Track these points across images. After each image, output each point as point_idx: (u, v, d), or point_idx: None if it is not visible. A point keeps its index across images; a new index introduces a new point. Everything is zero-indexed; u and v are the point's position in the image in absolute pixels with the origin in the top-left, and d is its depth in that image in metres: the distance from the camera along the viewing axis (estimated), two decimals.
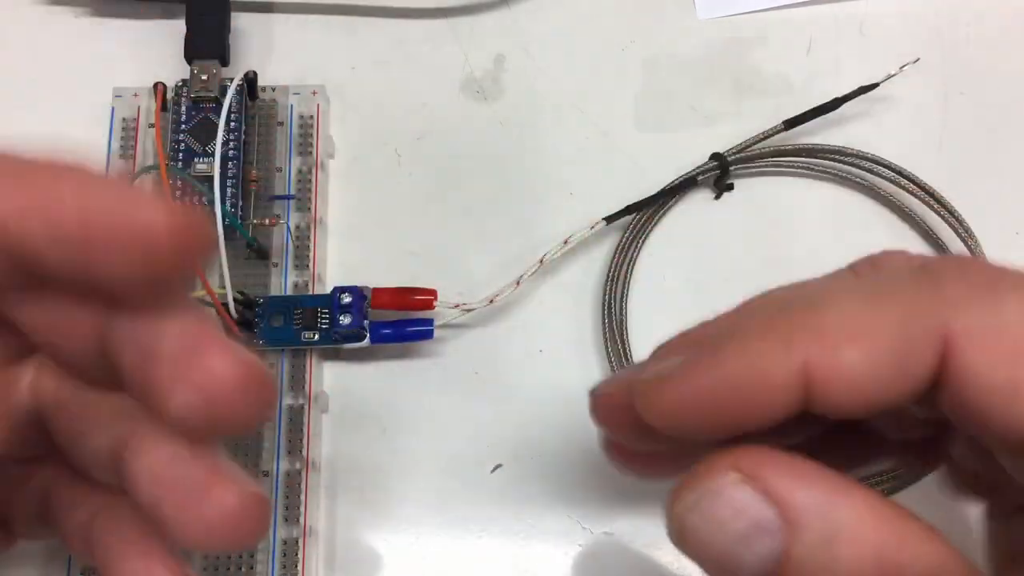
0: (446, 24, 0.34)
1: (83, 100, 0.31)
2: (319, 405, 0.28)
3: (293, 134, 0.30)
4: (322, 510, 0.27)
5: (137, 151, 0.30)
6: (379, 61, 0.33)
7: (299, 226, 0.29)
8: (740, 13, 0.34)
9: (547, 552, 0.27)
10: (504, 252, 0.30)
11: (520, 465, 0.28)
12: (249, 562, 0.26)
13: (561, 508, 0.27)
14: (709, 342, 0.15)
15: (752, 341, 0.15)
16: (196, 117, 0.30)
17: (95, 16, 0.33)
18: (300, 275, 0.29)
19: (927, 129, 0.32)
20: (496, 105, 0.32)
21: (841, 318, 0.14)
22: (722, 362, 0.15)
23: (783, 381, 0.14)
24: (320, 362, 0.28)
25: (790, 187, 0.31)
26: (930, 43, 0.33)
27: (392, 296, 0.28)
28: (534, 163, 0.32)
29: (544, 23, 0.34)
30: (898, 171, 0.30)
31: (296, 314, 0.27)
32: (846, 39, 0.33)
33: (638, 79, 0.33)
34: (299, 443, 0.27)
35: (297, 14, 0.33)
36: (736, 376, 0.14)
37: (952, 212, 0.29)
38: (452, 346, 0.29)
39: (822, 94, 0.31)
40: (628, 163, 0.32)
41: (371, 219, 0.31)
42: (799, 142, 0.31)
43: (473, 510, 0.27)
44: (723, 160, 0.30)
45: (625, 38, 0.33)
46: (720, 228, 0.31)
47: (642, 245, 0.30)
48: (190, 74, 0.30)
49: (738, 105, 0.32)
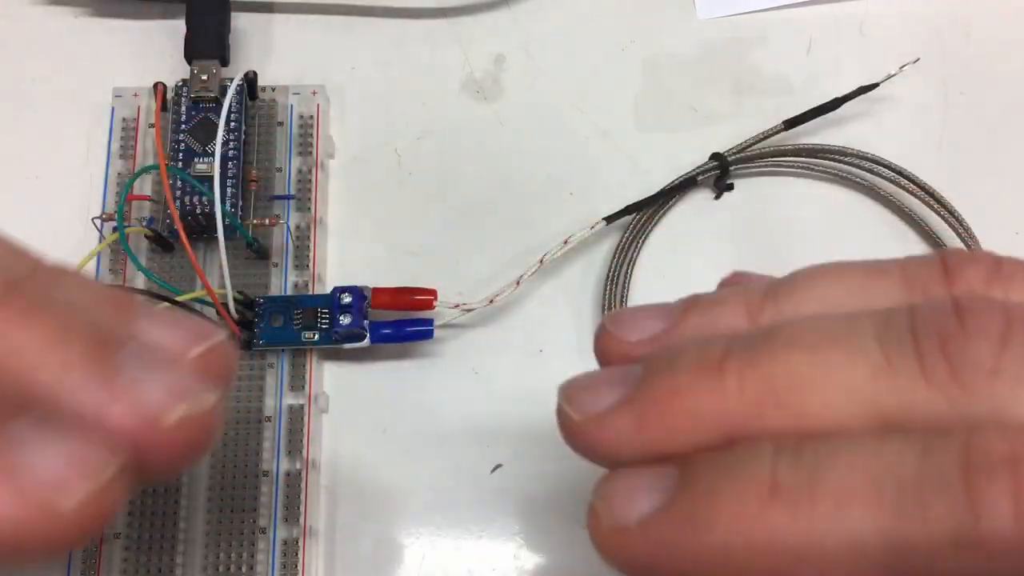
0: (446, 24, 0.34)
1: (83, 100, 0.31)
2: (319, 405, 0.28)
3: (293, 134, 0.30)
4: (322, 510, 0.27)
5: (137, 151, 0.30)
6: (379, 61, 0.33)
7: (299, 226, 0.29)
8: (740, 13, 0.34)
9: (547, 552, 0.27)
10: (504, 252, 0.30)
11: (520, 465, 0.28)
12: (249, 562, 0.26)
13: (561, 508, 0.27)
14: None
15: (724, 524, 0.12)
16: (196, 117, 0.30)
17: (95, 16, 0.33)
18: (300, 275, 0.29)
19: (927, 129, 0.32)
20: (496, 105, 0.32)
21: (838, 528, 0.12)
22: (690, 544, 0.13)
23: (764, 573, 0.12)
24: (320, 362, 0.28)
25: (790, 187, 0.31)
26: (930, 43, 0.33)
27: (392, 296, 0.28)
28: (534, 163, 0.32)
29: (544, 23, 0.34)
30: (898, 171, 0.30)
31: (296, 314, 0.27)
32: (846, 39, 0.33)
33: (638, 79, 0.33)
34: (299, 443, 0.27)
35: (297, 14, 0.33)
36: (708, 567, 0.13)
37: (952, 212, 0.29)
38: (452, 346, 0.29)
39: (822, 94, 0.31)
40: (628, 163, 0.32)
41: (371, 219, 0.31)
42: (799, 142, 0.31)
43: (473, 510, 0.27)
44: (723, 160, 0.30)
45: (625, 38, 0.33)
46: (720, 228, 0.31)
47: (642, 245, 0.30)
48: (190, 74, 0.30)
49: (738, 105, 0.32)
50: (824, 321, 0.13)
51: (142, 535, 0.26)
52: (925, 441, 0.12)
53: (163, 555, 0.26)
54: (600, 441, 0.14)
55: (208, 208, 0.28)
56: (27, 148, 0.31)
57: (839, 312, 0.14)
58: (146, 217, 0.29)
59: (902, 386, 0.12)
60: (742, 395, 0.13)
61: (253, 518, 0.26)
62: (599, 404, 0.14)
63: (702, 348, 0.14)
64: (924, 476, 0.11)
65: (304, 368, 0.28)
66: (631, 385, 0.14)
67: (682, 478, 0.13)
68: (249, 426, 0.27)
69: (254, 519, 0.26)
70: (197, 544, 0.26)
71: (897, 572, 0.11)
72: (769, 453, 0.12)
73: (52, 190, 0.31)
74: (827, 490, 0.12)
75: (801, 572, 0.12)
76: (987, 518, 0.11)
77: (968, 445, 0.11)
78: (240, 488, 0.26)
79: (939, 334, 0.12)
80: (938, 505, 0.11)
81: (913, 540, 0.11)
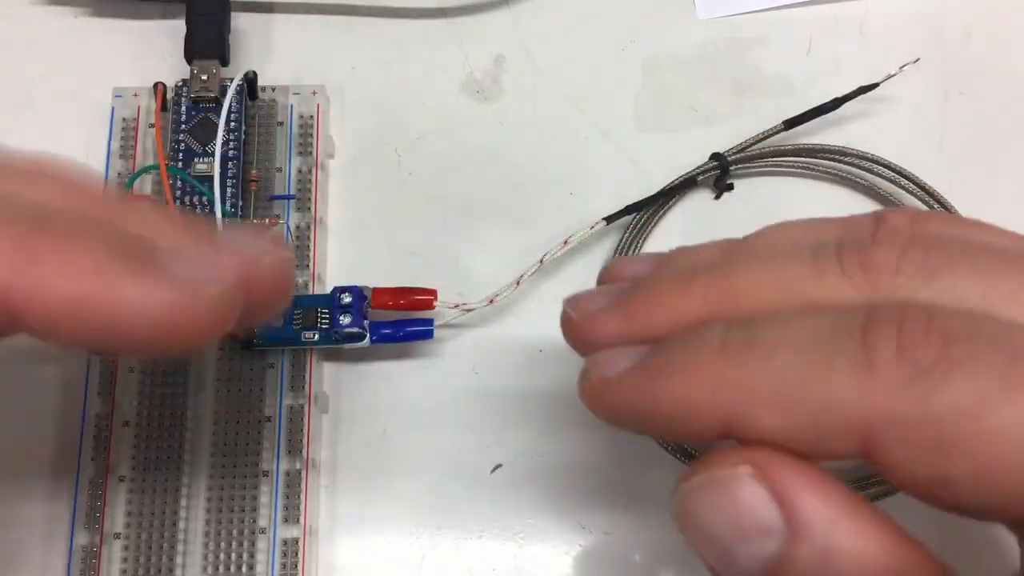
0: (446, 24, 0.34)
1: (83, 100, 0.31)
2: (319, 405, 0.28)
3: (293, 134, 0.30)
4: (322, 510, 0.27)
5: (137, 151, 0.30)
6: (379, 61, 0.33)
7: (299, 226, 0.29)
8: (740, 13, 0.34)
9: (547, 552, 0.27)
10: (504, 252, 0.30)
11: (520, 465, 0.28)
12: (249, 562, 0.26)
13: (561, 508, 0.27)
14: (650, 350, 0.16)
15: (680, 374, 0.16)
16: (196, 117, 0.30)
17: (95, 16, 0.33)
18: (300, 275, 0.29)
19: (927, 129, 0.32)
20: (496, 105, 0.32)
21: (767, 371, 0.15)
22: (655, 389, 0.16)
23: (709, 424, 0.15)
24: (320, 362, 0.28)
25: (790, 187, 0.31)
26: (930, 43, 0.33)
27: (392, 296, 0.28)
28: (534, 163, 0.32)
29: (544, 23, 0.34)
30: (898, 171, 0.30)
31: (296, 314, 0.27)
32: (846, 39, 0.33)
33: (638, 79, 0.33)
34: (299, 443, 0.27)
35: (297, 14, 0.33)
36: (669, 408, 0.16)
37: (952, 212, 0.29)
38: (452, 346, 0.29)
39: (822, 94, 0.31)
40: (628, 163, 0.32)
41: (371, 219, 0.31)
42: (799, 142, 0.31)
43: (473, 510, 0.27)
44: (723, 160, 0.30)
45: (625, 38, 0.33)
46: (720, 228, 0.31)
47: (642, 245, 0.30)
48: (190, 74, 0.30)
49: (738, 105, 0.32)
50: (774, 247, 0.18)
51: (142, 535, 0.26)
52: (838, 312, 0.15)
53: (163, 555, 0.26)
54: (594, 333, 0.18)
55: (208, 208, 0.28)
56: (27, 148, 0.31)
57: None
58: None
59: (827, 283, 0.16)
60: (706, 297, 0.17)
61: (253, 518, 0.26)
62: (595, 305, 0.18)
63: (677, 268, 0.18)
64: (834, 332, 0.15)
65: (304, 368, 0.28)
66: (622, 294, 0.18)
67: (653, 347, 0.17)
68: (249, 426, 0.27)
69: (254, 519, 0.26)
70: (197, 544, 0.26)
71: (808, 409, 0.14)
72: (721, 326, 0.16)
73: None
74: (762, 344, 0.15)
75: (739, 411, 0.15)
76: (877, 357, 0.14)
77: (868, 312, 0.15)
78: (240, 488, 0.26)
79: (857, 245, 0.16)
80: (843, 350, 0.14)
81: (823, 375, 0.14)
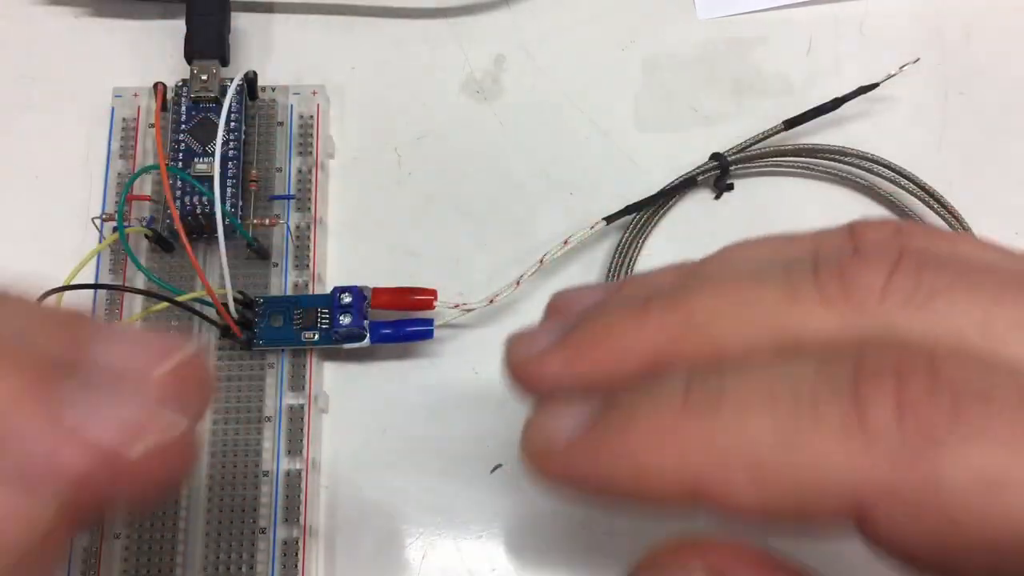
0: (446, 24, 0.34)
1: (83, 100, 0.31)
2: (319, 405, 0.28)
3: (293, 134, 0.30)
4: (322, 510, 0.27)
5: (137, 151, 0.30)
6: (379, 61, 0.33)
7: (299, 226, 0.29)
8: (740, 13, 0.34)
9: (547, 552, 0.27)
10: (504, 252, 0.30)
11: (520, 465, 0.28)
12: (250, 562, 0.26)
13: (561, 508, 0.27)
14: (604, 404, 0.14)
15: (638, 437, 0.13)
16: (196, 117, 0.30)
17: (95, 16, 0.33)
18: (300, 275, 0.29)
19: (927, 129, 0.32)
20: (496, 105, 0.32)
21: (739, 433, 0.12)
22: (610, 457, 0.13)
23: (673, 494, 0.13)
24: (320, 362, 0.28)
25: (790, 187, 0.31)
26: (930, 43, 0.33)
27: (392, 296, 0.28)
28: (534, 163, 0.32)
29: (544, 23, 0.34)
30: (898, 171, 0.30)
31: (296, 314, 0.27)
32: (846, 39, 0.33)
33: (638, 79, 0.33)
34: (299, 443, 0.27)
35: (297, 14, 0.33)
36: (627, 477, 0.13)
37: (952, 212, 0.30)
38: (452, 346, 0.29)
39: (822, 94, 0.31)
40: (628, 163, 0.32)
41: (371, 219, 0.31)
42: (799, 142, 0.31)
43: (473, 510, 0.27)
44: (723, 160, 0.30)
45: (625, 38, 0.33)
46: (720, 228, 0.31)
47: (642, 245, 0.30)
48: (190, 74, 0.30)
49: (738, 105, 0.32)
50: (739, 268, 0.15)
51: (142, 535, 0.26)
52: (821, 358, 0.12)
53: (163, 555, 0.26)
54: (537, 375, 0.15)
55: (208, 208, 0.28)
56: (27, 148, 0.31)
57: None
58: (146, 217, 0.29)
59: (803, 310, 0.13)
60: (662, 330, 0.14)
61: (253, 518, 0.26)
62: (537, 346, 0.15)
63: (629, 298, 0.15)
64: (818, 385, 0.12)
65: (304, 368, 0.28)
66: (566, 330, 0.15)
67: (606, 402, 0.14)
68: (249, 426, 0.27)
69: (254, 519, 0.26)
70: (197, 544, 0.26)
71: (788, 478, 0.12)
72: (683, 375, 0.13)
73: (52, 190, 0.31)
74: (731, 401, 0.12)
75: (709, 480, 0.12)
76: (872, 417, 0.12)
77: (857, 359, 0.12)
78: (240, 488, 0.26)
79: (837, 264, 0.13)
80: (829, 409, 0.12)
81: (806, 440, 0.12)
